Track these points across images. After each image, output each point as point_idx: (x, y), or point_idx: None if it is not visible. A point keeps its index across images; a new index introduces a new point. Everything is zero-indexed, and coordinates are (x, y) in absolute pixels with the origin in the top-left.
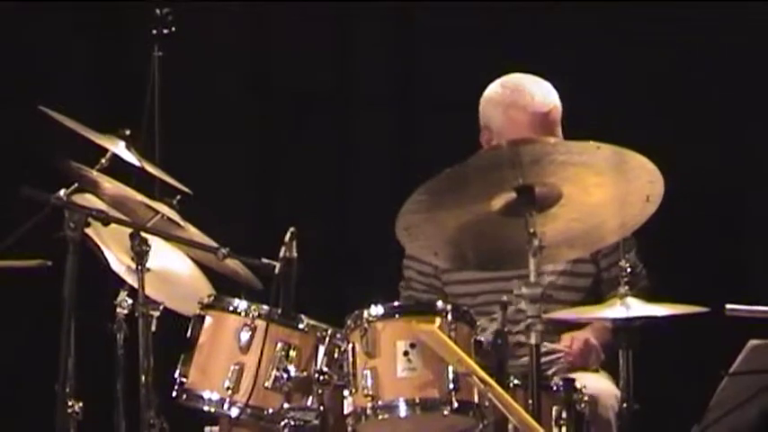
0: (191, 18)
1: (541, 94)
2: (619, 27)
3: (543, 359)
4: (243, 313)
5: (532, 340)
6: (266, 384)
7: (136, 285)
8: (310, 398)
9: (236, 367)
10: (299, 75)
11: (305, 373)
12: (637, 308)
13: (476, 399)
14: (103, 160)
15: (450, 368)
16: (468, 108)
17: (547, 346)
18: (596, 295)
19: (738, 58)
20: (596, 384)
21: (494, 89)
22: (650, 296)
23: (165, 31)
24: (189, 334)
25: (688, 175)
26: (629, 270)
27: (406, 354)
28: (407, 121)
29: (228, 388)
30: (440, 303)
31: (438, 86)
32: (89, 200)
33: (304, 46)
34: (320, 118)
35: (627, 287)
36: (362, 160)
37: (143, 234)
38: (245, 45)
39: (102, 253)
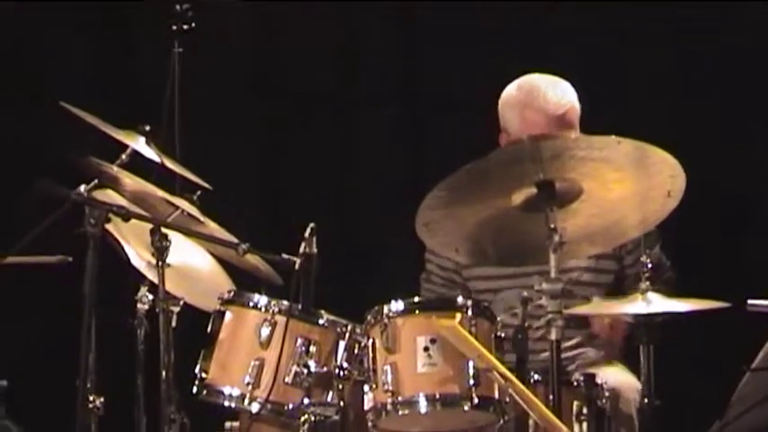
0: (207, 16)
1: (557, 95)
2: (621, 26)
3: (564, 354)
4: (263, 309)
5: (553, 336)
6: (286, 380)
7: (156, 281)
8: (330, 393)
9: (257, 363)
10: (311, 72)
11: (325, 369)
12: (658, 303)
13: (496, 394)
14: (124, 156)
15: (471, 364)
16: (474, 104)
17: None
18: (619, 292)
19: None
20: (617, 380)
21: (510, 91)
22: (676, 288)
23: (185, 27)
24: (209, 329)
25: (709, 169)
26: (650, 265)
27: (426, 349)
28: (419, 115)
29: (249, 383)
30: (460, 299)
31: (448, 80)
32: (109, 196)
33: (314, 44)
34: (334, 114)
35: (648, 282)
36: (379, 156)
37: (163, 230)
38: (257, 44)
39: (123, 249)
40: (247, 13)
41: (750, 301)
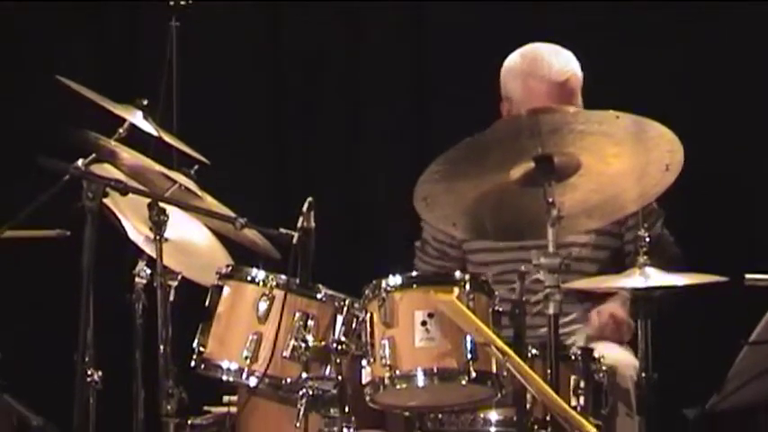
0: None
1: (559, 63)
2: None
3: (562, 330)
4: (261, 283)
5: (550, 310)
6: (284, 354)
7: (154, 255)
8: (328, 367)
9: (255, 337)
10: (312, 42)
11: (323, 343)
12: (656, 277)
13: (494, 369)
14: (121, 130)
15: (469, 338)
16: (482, 76)
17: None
18: (618, 268)
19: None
20: (615, 354)
21: (513, 59)
22: (682, 264)
23: (183, 2)
24: (207, 304)
25: (707, 143)
26: (648, 240)
27: (424, 324)
28: (422, 89)
29: (247, 357)
30: (458, 273)
31: (450, 56)
32: (107, 170)
33: (318, 12)
34: (334, 87)
35: (646, 257)
36: (379, 129)
37: (161, 204)
38: (258, 16)
39: (121, 223)
40: None
41: (748, 276)
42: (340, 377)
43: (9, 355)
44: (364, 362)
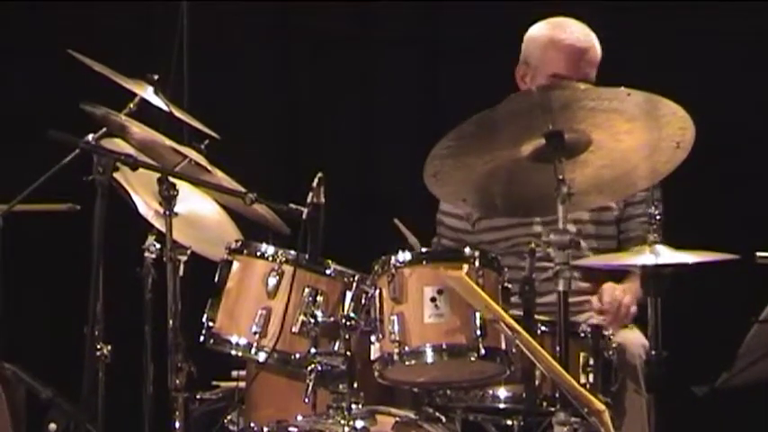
0: None
1: (583, 32)
2: None
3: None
4: (270, 258)
5: (560, 287)
6: (293, 329)
7: (164, 230)
8: (337, 343)
9: (264, 312)
10: (325, 16)
11: (332, 319)
12: (666, 255)
13: (503, 345)
14: (132, 105)
15: (478, 314)
16: (494, 51)
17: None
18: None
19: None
20: (624, 332)
21: (538, 26)
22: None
23: None
24: (216, 279)
25: (721, 121)
26: (659, 217)
27: (433, 300)
28: (434, 64)
29: (256, 332)
30: (467, 249)
31: (462, 28)
32: (118, 144)
33: None
34: (346, 61)
35: (656, 234)
36: (390, 103)
37: (171, 179)
38: None
39: (131, 197)
40: None
41: (759, 254)
42: (349, 353)
43: (20, 329)
44: (373, 338)
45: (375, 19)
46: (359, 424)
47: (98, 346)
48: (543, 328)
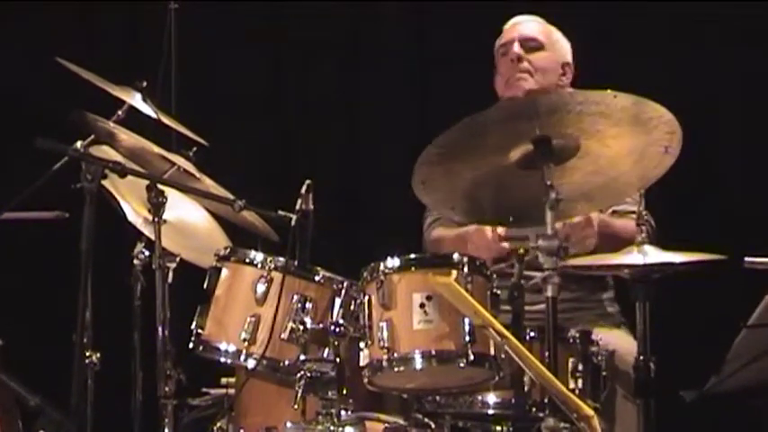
0: None
1: (519, 18)
2: None
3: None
4: (259, 265)
5: (549, 293)
6: (282, 336)
7: (152, 237)
8: (326, 350)
9: (253, 319)
10: (313, 22)
11: (321, 325)
12: (653, 255)
13: (492, 351)
14: (120, 112)
15: (467, 320)
16: (481, 58)
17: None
18: None
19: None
20: (613, 337)
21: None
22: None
23: None
24: (205, 286)
25: (707, 125)
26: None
27: (422, 306)
28: (422, 70)
29: (245, 339)
30: (456, 255)
31: (450, 36)
32: (106, 152)
33: None
34: (335, 66)
35: (644, 235)
36: (378, 109)
37: (159, 186)
38: None
39: (119, 205)
40: None
41: (747, 259)
42: (338, 359)
43: (8, 337)
44: (362, 344)
45: (364, 25)
46: (348, 430)
47: (87, 354)
48: (532, 333)
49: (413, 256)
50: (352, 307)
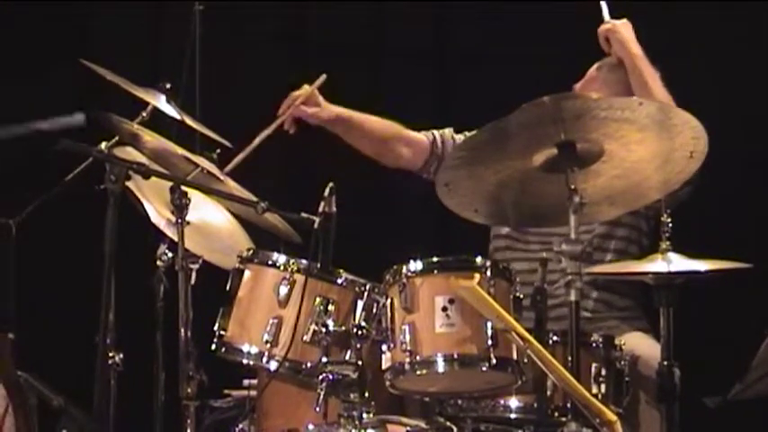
0: None
1: None
2: None
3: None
4: (282, 267)
5: (572, 297)
6: (305, 338)
7: (176, 238)
8: (348, 352)
9: (275, 321)
10: (337, 24)
11: (343, 328)
12: (678, 263)
13: (514, 355)
14: (144, 113)
15: (489, 324)
16: (504, 60)
17: None
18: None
19: None
20: (637, 342)
21: None
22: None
23: None
24: (228, 287)
25: (734, 130)
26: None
27: (444, 309)
28: (445, 73)
29: (267, 341)
30: (479, 259)
31: (473, 38)
32: (130, 153)
33: None
34: (357, 70)
35: (668, 242)
36: (402, 112)
37: (183, 187)
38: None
39: (143, 206)
40: None
41: None
42: (360, 362)
43: (32, 337)
44: (384, 347)
45: (387, 26)
46: None
47: (110, 355)
48: (555, 338)
49: (435, 259)
50: (374, 310)
